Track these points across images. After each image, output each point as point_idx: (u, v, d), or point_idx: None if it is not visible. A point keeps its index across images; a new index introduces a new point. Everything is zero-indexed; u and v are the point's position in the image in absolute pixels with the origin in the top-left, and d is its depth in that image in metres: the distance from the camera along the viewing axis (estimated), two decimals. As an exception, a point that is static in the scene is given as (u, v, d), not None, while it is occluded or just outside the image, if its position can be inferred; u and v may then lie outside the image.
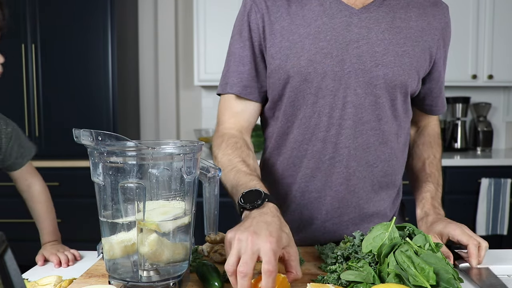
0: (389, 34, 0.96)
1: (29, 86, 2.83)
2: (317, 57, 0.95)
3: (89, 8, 2.80)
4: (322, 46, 0.95)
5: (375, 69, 0.95)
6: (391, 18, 0.97)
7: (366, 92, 0.96)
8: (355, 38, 0.95)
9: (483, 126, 3.24)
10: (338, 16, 0.96)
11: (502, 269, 0.87)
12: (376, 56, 0.95)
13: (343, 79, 0.96)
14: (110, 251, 0.71)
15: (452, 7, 3.51)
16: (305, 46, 0.96)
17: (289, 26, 0.97)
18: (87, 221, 2.75)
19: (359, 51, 0.95)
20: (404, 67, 0.97)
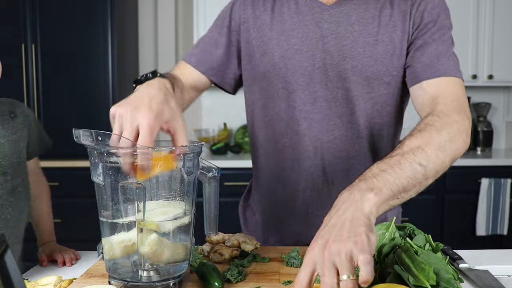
0: (359, 26, 0.96)
1: (29, 86, 2.83)
2: (288, 53, 0.99)
3: (89, 8, 2.80)
4: (294, 42, 0.99)
5: (343, 62, 0.97)
6: (363, 9, 0.97)
7: (336, 86, 0.98)
8: (324, 33, 0.97)
9: (483, 126, 3.24)
10: (310, 13, 0.99)
11: (502, 269, 0.87)
12: (343, 49, 0.96)
13: (313, 74, 0.98)
14: (110, 251, 0.71)
15: (452, 7, 3.50)
16: (280, 43, 1.00)
17: (270, 22, 1.02)
18: (87, 221, 2.75)
19: (328, 46, 0.97)
20: (377, 56, 0.96)
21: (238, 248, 0.91)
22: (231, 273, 0.80)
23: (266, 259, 0.92)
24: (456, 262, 0.87)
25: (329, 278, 0.59)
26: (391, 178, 0.70)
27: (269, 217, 1.13)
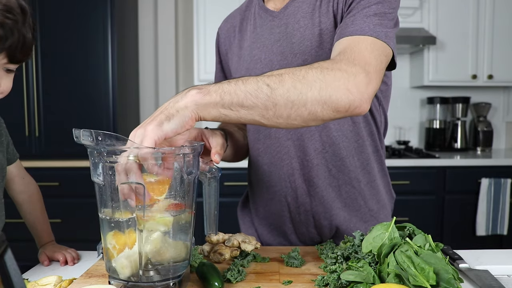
0: (304, 21, 0.97)
1: (29, 86, 2.83)
2: (251, 65, 1.04)
3: (89, 8, 2.80)
4: (254, 54, 1.04)
5: (295, 59, 0.98)
6: (307, 4, 0.98)
7: None
8: (277, 37, 1.01)
9: (483, 126, 3.24)
10: (265, 23, 1.04)
11: (502, 269, 0.87)
12: (293, 47, 0.98)
13: None
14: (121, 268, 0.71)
15: (452, 7, 3.51)
16: (245, 57, 1.06)
17: (238, 43, 1.10)
18: (87, 221, 2.75)
19: (281, 48, 1.00)
20: (324, 45, 0.95)
21: (238, 248, 0.91)
22: (231, 273, 0.80)
23: (266, 259, 0.92)
24: (456, 262, 0.87)
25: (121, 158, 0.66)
26: (227, 87, 0.69)
27: (263, 221, 1.15)
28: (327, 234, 1.08)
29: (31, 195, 1.05)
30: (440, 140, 3.27)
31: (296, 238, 1.11)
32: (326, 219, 1.07)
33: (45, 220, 1.06)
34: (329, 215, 1.06)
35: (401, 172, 2.76)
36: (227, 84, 0.70)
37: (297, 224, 1.08)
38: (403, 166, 2.76)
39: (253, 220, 1.19)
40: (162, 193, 0.69)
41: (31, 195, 1.05)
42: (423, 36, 2.90)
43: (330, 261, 0.84)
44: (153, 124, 0.66)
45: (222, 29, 1.16)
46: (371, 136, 1.06)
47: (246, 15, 1.10)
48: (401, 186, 2.74)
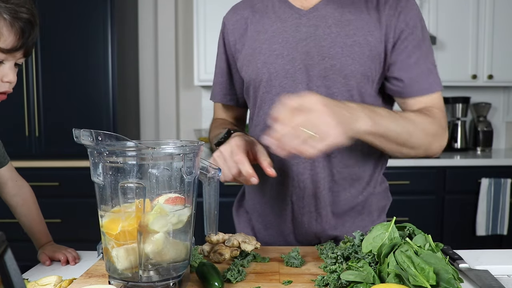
0: (336, 28, 1.00)
1: (29, 86, 2.83)
2: (270, 59, 1.04)
3: (89, 8, 2.80)
4: (275, 48, 1.04)
5: (322, 62, 1.00)
6: (339, 13, 1.01)
7: (317, 85, 1.01)
8: (303, 36, 1.02)
9: (483, 126, 3.24)
10: (289, 20, 1.04)
11: (502, 269, 0.87)
12: (322, 49, 1.00)
13: (294, 76, 1.02)
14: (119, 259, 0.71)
15: (452, 7, 3.51)
16: (262, 50, 1.06)
17: (252, 35, 1.08)
18: (87, 221, 2.75)
19: (307, 48, 1.01)
20: (354, 56, 0.99)
21: (238, 248, 0.91)
22: (231, 273, 0.80)
23: (266, 259, 0.92)
24: (456, 262, 0.87)
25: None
26: (388, 124, 0.89)
27: (260, 219, 1.14)
28: (326, 238, 1.08)
29: (25, 197, 1.04)
30: (440, 140, 3.26)
31: (293, 238, 1.11)
32: (328, 223, 1.07)
33: (42, 221, 1.05)
34: (332, 219, 1.07)
35: (401, 172, 2.76)
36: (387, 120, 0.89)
37: (298, 224, 1.08)
38: (403, 166, 2.76)
39: (250, 218, 1.18)
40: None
41: (25, 198, 1.04)
42: (423, 36, 2.90)
43: (330, 261, 0.84)
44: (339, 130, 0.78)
45: (230, 19, 1.14)
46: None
47: (259, 7, 1.10)
48: (401, 186, 2.74)
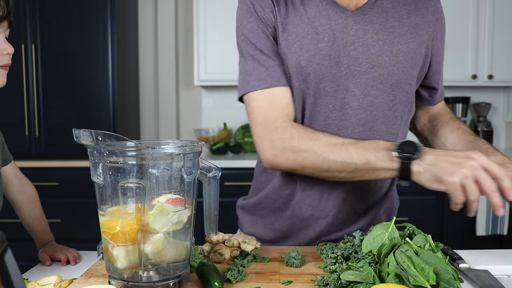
0: (383, 35, 0.97)
1: (29, 86, 2.83)
2: (316, 58, 0.95)
3: (89, 8, 2.80)
4: (321, 47, 0.95)
5: (371, 70, 0.96)
6: (384, 18, 0.98)
7: (363, 94, 0.97)
8: (351, 40, 0.95)
9: (483, 126, 3.24)
10: (335, 18, 0.96)
11: (502, 269, 0.87)
12: (371, 57, 0.96)
13: (340, 81, 0.96)
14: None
15: (452, 7, 3.50)
16: (304, 46, 0.95)
17: (287, 26, 0.97)
18: (87, 221, 2.75)
19: (356, 53, 0.96)
20: (399, 65, 0.98)
21: (238, 248, 0.91)
22: (231, 273, 0.80)
23: (266, 259, 0.92)
24: (456, 262, 0.87)
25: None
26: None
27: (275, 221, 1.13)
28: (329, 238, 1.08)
29: (29, 195, 1.04)
30: (440, 140, 3.27)
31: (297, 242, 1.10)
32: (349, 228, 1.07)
33: (44, 220, 1.05)
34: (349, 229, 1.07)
35: (401, 172, 2.76)
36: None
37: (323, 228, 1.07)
38: (403, 166, 2.76)
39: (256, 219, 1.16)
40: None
41: (29, 196, 1.04)
42: (423, 36, 2.90)
43: (330, 261, 0.83)
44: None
45: (261, 1, 0.97)
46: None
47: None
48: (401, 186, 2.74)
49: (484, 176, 0.77)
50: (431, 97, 1.13)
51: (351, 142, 0.90)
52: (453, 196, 0.79)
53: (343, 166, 0.89)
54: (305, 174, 0.96)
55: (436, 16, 1.04)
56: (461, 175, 0.77)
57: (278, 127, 0.95)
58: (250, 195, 1.18)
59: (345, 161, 0.88)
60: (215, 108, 3.39)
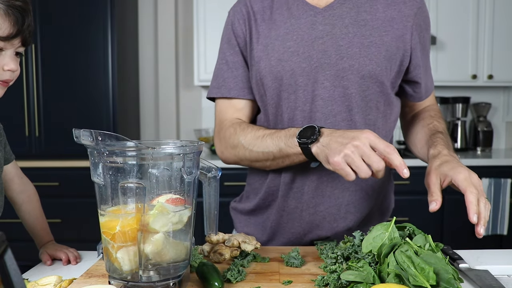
0: (353, 28, 1.00)
1: (29, 86, 2.83)
2: (285, 56, 1.02)
3: (89, 8, 2.80)
4: (290, 45, 1.02)
5: (341, 61, 1.00)
6: (355, 12, 1.01)
7: (334, 85, 1.01)
8: (320, 35, 1.01)
9: (483, 126, 3.24)
10: (304, 17, 1.02)
11: (502, 269, 0.87)
12: (340, 49, 1.00)
13: (310, 74, 1.01)
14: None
15: (452, 7, 3.50)
16: (275, 47, 1.03)
17: (263, 31, 1.05)
18: (87, 221, 2.75)
19: (324, 47, 1.00)
20: (371, 57, 1.00)
21: (238, 248, 0.91)
22: (231, 273, 0.80)
23: (266, 259, 0.92)
24: (456, 262, 0.87)
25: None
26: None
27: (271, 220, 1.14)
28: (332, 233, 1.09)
29: (29, 195, 1.05)
30: (440, 140, 3.26)
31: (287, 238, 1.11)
32: (336, 221, 1.07)
33: (44, 219, 1.06)
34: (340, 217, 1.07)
35: (401, 172, 2.76)
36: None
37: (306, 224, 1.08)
38: (403, 166, 2.76)
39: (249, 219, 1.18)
40: None
41: (30, 195, 1.05)
42: (423, 36, 2.90)
43: (330, 261, 0.84)
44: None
45: (238, 13, 1.09)
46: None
47: (268, 3, 1.07)
48: (401, 186, 2.74)
49: (368, 153, 0.81)
50: (415, 92, 1.11)
51: (270, 133, 0.99)
52: (341, 174, 0.83)
53: (265, 156, 1.00)
54: (245, 165, 1.10)
55: (415, 11, 1.04)
56: (343, 155, 0.82)
57: (226, 127, 1.09)
58: (244, 200, 1.20)
59: (265, 151, 0.99)
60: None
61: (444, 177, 0.87)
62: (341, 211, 1.07)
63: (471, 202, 0.80)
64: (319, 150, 0.88)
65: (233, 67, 1.09)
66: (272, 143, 0.97)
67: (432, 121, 1.09)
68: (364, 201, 1.09)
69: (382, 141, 0.82)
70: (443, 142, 0.99)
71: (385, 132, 1.09)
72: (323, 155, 0.87)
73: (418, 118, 1.14)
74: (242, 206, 1.19)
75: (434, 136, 1.03)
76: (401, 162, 0.81)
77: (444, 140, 1.00)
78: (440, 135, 1.03)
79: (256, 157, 1.02)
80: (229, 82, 1.10)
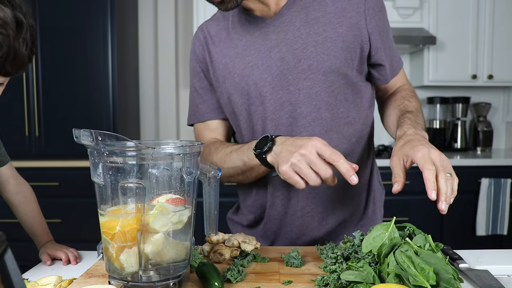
0: (305, 29, 1.01)
1: (29, 86, 2.83)
2: (246, 71, 1.04)
3: (89, 8, 2.80)
4: (249, 60, 1.04)
5: (299, 64, 1.01)
6: (304, 13, 1.01)
7: (298, 88, 1.01)
8: (274, 43, 1.02)
9: (483, 126, 3.24)
10: (256, 30, 1.04)
11: (502, 269, 0.87)
12: (296, 52, 1.00)
13: (273, 83, 1.02)
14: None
15: (452, 7, 3.50)
16: (235, 64, 1.05)
17: (222, 51, 1.08)
18: (87, 221, 2.75)
19: (281, 54, 1.01)
20: (328, 52, 1.00)
21: (238, 248, 0.91)
22: (231, 273, 0.80)
23: (266, 259, 0.92)
24: (456, 262, 0.87)
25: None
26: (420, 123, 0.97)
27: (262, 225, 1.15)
28: (325, 232, 1.09)
29: (26, 196, 1.04)
30: (440, 140, 3.27)
31: (284, 241, 1.12)
32: (325, 219, 1.08)
33: (42, 219, 1.05)
34: (328, 214, 1.08)
35: (401, 172, 2.76)
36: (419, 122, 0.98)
37: (296, 227, 1.09)
38: (403, 166, 2.76)
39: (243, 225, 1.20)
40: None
41: (26, 196, 1.04)
42: (423, 36, 2.90)
43: (330, 261, 0.83)
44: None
45: (197, 39, 1.13)
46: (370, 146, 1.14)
47: (224, 25, 1.09)
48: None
49: (315, 161, 0.82)
50: (381, 75, 1.10)
51: (237, 148, 1.01)
52: (291, 183, 0.85)
53: (235, 171, 1.03)
54: (225, 181, 1.11)
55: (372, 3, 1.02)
56: (290, 164, 0.83)
57: (204, 148, 1.09)
58: (239, 214, 1.21)
59: (233, 166, 1.02)
60: (215, 108, 3.39)
61: (406, 158, 0.84)
62: (328, 208, 1.08)
63: (427, 179, 0.77)
64: (273, 159, 0.90)
65: (202, 93, 1.14)
66: (237, 158, 1.00)
67: (403, 101, 1.07)
68: (350, 195, 1.10)
69: (329, 148, 0.83)
70: (410, 122, 0.96)
71: (362, 121, 1.08)
72: (276, 164, 0.88)
73: (390, 101, 1.13)
74: (238, 219, 1.21)
75: (402, 116, 1.00)
76: (348, 169, 0.81)
77: (411, 119, 0.97)
78: (408, 115, 0.99)
79: (228, 173, 1.04)
80: (201, 107, 1.15)
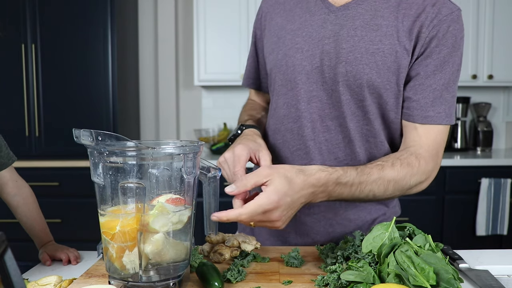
0: (361, 31, 0.93)
1: (29, 86, 2.83)
2: (290, 51, 1.00)
3: (89, 8, 2.80)
4: (297, 41, 1.00)
5: (338, 66, 0.95)
6: (370, 15, 0.94)
7: (331, 89, 0.97)
8: (327, 34, 0.96)
9: (483, 126, 3.24)
10: (318, 14, 0.99)
11: (502, 269, 0.87)
12: (341, 52, 0.94)
13: (310, 74, 0.98)
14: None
15: (452, 7, 3.43)
16: (285, 41, 1.02)
17: (282, 23, 1.04)
18: (87, 221, 2.75)
19: (328, 48, 0.96)
20: (373, 65, 0.92)
21: (238, 248, 0.91)
22: (231, 273, 0.80)
23: (266, 259, 0.92)
24: (456, 262, 0.87)
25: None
26: (345, 192, 0.86)
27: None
28: (328, 239, 1.08)
29: (25, 197, 1.04)
30: (440, 140, 3.26)
31: (294, 239, 1.10)
32: (332, 226, 1.06)
33: (42, 220, 1.05)
34: (337, 222, 1.06)
35: (401, 172, 2.76)
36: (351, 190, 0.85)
37: (300, 225, 1.08)
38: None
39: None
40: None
41: (26, 197, 1.04)
42: (423, 36, 2.90)
43: (330, 261, 0.84)
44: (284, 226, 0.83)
45: (267, 2, 1.10)
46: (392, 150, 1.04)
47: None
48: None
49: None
50: (407, 109, 0.96)
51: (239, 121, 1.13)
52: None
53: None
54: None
55: (440, 23, 0.91)
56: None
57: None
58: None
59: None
60: (215, 108, 3.39)
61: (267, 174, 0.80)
62: (338, 217, 1.05)
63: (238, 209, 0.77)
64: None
65: (249, 58, 1.20)
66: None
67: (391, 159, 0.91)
68: (365, 209, 1.05)
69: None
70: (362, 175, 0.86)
71: (387, 141, 1.01)
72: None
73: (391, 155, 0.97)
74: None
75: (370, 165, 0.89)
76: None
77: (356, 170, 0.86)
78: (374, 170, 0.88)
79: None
80: (245, 72, 1.23)
